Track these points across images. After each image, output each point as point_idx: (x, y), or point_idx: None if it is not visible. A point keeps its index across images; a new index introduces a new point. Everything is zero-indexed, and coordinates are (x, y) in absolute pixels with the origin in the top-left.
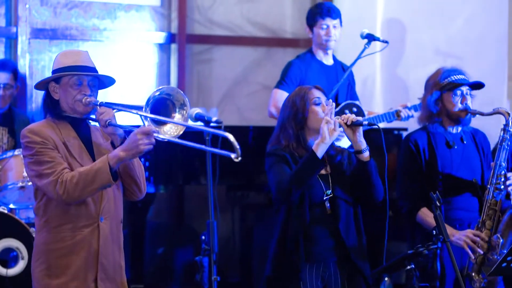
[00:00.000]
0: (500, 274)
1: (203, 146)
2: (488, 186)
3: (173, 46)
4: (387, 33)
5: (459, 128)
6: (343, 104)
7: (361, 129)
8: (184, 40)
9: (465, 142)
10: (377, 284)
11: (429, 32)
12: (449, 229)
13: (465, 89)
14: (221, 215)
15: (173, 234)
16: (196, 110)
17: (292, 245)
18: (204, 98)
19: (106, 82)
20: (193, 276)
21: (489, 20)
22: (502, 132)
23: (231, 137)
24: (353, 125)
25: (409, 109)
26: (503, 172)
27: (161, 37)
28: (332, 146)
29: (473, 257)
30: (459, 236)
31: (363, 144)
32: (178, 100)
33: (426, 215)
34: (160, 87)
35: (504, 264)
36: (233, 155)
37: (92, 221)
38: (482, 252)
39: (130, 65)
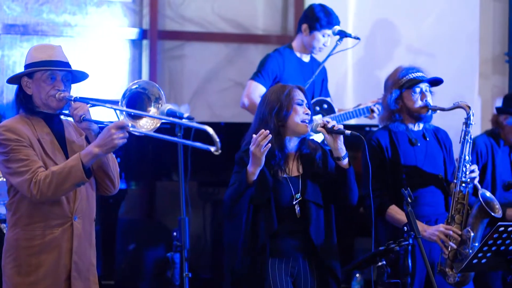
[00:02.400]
0: (472, 271)
1: (183, 140)
2: (455, 181)
3: (145, 42)
4: (358, 30)
5: (421, 125)
6: (314, 100)
7: (342, 137)
8: (155, 36)
9: (427, 139)
10: (348, 280)
11: (401, 29)
12: (421, 225)
13: (424, 86)
14: (193, 212)
15: (144, 230)
16: (168, 106)
17: (259, 243)
18: (176, 94)
19: (79, 76)
20: (164, 273)
21: (461, 17)
22: (464, 126)
23: (210, 130)
24: (334, 133)
25: (379, 104)
26: (468, 165)
27: (132, 33)
28: (308, 143)
29: (446, 252)
30: (432, 232)
31: (342, 151)
32: (153, 94)
33: (396, 213)
34: (137, 81)
35: (475, 261)
36: (212, 148)
37: (66, 220)
38: (455, 247)
39: (101, 61)
